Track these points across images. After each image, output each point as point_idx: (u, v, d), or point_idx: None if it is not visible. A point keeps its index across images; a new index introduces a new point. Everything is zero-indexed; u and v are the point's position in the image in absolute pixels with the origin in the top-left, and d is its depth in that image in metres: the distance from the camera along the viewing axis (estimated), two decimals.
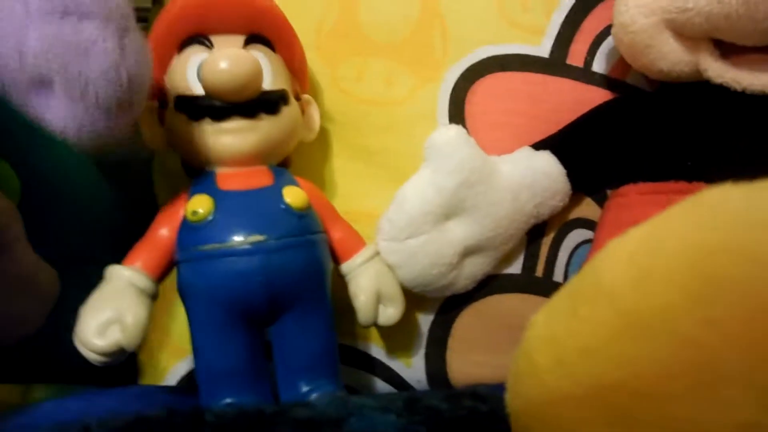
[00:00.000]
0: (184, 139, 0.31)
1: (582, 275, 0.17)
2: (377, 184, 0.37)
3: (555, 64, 0.38)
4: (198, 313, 0.29)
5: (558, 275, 0.37)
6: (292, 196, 0.30)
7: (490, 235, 0.33)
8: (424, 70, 0.38)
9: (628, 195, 0.35)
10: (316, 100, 0.37)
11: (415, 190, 0.32)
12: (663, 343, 0.14)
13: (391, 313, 0.33)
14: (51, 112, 0.24)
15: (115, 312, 0.27)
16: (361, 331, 0.37)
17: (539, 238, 0.37)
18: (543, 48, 0.38)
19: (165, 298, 0.31)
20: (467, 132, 0.33)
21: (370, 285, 0.32)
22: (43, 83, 0.24)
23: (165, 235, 0.30)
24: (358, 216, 0.35)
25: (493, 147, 0.35)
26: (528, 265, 0.37)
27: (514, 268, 0.37)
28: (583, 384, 0.15)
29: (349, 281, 0.33)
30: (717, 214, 0.14)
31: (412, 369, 0.37)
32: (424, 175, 0.32)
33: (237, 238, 0.29)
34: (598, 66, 0.38)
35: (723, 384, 0.13)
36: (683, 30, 0.31)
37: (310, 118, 0.35)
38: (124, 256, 0.30)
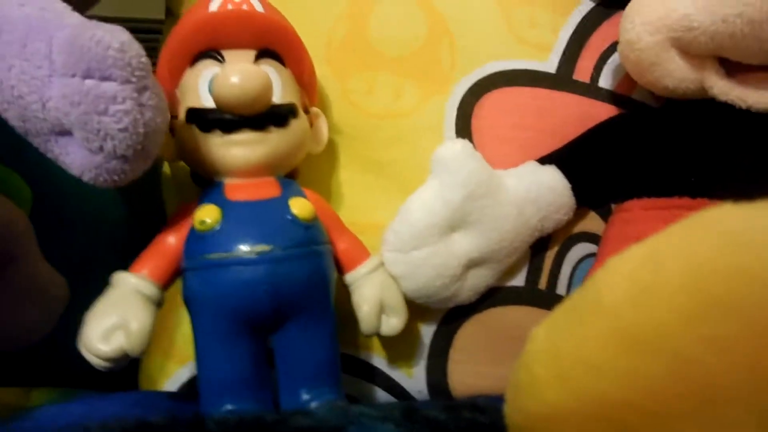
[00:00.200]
0: (194, 149, 0.31)
1: (583, 291, 0.17)
2: (385, 196, 0.38)
3: (562, 80, 0.38)
4: (203, 320, 0.30)
5: (561, 288, 0.37)
6: (299, 207, 0.31)
7: (494, 248, 0.34)
8: (432, 84, 0.38)
9: (632, 210, 0.35)
10: (327, 113, 0.37)
11: (421, 202, 0.32)
12: (663, 362, 0.14)
13: (393, 323, 0.33)
14: (69, 157, 0.26)
15: (120, 318, 0.28)
16: (363, 341, 0.37)
17: (543, 251, 0.37)
18: (550, 64, 0.38)
19: (168, 305, 0.31)
20: (474, 145, 0.33)
21: (374, 295, 0.32)
22: (63, 132, 0.25)
23: (172, 243, 0.30)
24: (364, 227, 0.35)
25: (500, 161, 0.35)
26: (531, 277, 0.37)
27: (518, 281, 0.37)
28: (584, 399, 0.15)
29: (353, 291, 0.33)
30: (717, 233, 0.15)
31: (414, 379, 0.37)
32: (431, 188, 0.32)
33: (243, 247, 0.29)
34: (605, 82, 0.38)
35: (724, 404, 0.13)
36: (689, 48, 0.32)
37: (318, 130, 0.36)
38: (130, 264, 0.30)
